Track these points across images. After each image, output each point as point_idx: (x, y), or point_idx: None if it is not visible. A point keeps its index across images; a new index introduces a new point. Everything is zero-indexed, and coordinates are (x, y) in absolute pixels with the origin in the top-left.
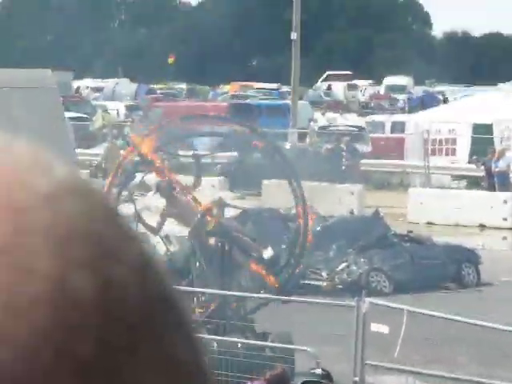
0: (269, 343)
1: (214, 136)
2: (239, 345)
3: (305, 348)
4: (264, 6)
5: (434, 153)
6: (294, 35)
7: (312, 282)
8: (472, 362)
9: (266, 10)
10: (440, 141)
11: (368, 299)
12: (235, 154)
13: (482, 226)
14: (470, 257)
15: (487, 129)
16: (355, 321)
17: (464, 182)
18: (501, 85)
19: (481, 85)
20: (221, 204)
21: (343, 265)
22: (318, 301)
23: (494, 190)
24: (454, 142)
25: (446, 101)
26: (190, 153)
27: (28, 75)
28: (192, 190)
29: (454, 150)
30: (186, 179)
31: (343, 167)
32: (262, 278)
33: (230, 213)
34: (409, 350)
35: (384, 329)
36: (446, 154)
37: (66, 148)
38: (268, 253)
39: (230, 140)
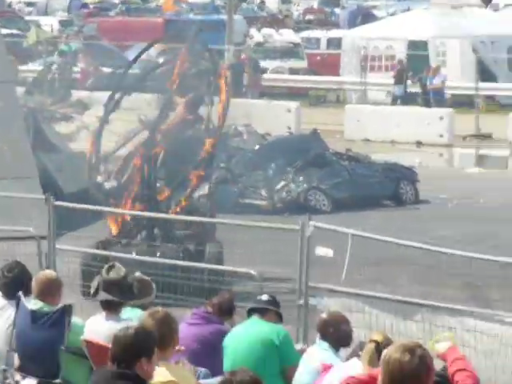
0: (210, 266)
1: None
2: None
3: (249, 271)
4: None
5: (370, 69)
6: None
7: (251, 201)
8: (413, 282)
9: None
10: (379, 57)
11: (312, 222)
12: None
13: (419, 143)
14: (408, 174)
15: (423, 45)
16: (299, 244)
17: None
18: None
19: None
20: None
21: (282, 183)
22: (262, 224)
23: (430, 107)
24: (391, 58)
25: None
26: None
27: None
28: None
29: (392, 66)
30: None
31: (244, 82)
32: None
33: None
34: (351, 272)
35: (329, 252)
36: (386, 71)
37: (5, 67)
38: None
39: None
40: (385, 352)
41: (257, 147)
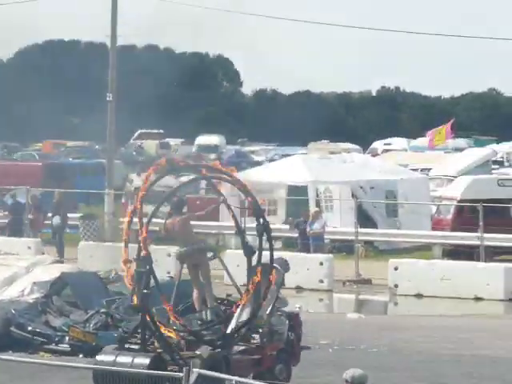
0: None
1: None
2: None
3: None
4: (75, 64)
5: (250, 214)
6: (109, 96)
7: (132, 347)
8: None
9: (76, 68)
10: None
11: (196, 370)
12: None
13: (299, 288)
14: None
15: (304, 190)
16: None
17: (280, 244)
18: (312, 143)
19: (292, 144)
20: None
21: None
22: (143, 371)
23: (308, 252)
24: (274, 203)
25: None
26: None
27: None
28: None
29: (275, 210)
30: None
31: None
32: None
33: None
34: None
35: None
36: (267, 215)
37: None
38: None
39: None
40: None
41: None
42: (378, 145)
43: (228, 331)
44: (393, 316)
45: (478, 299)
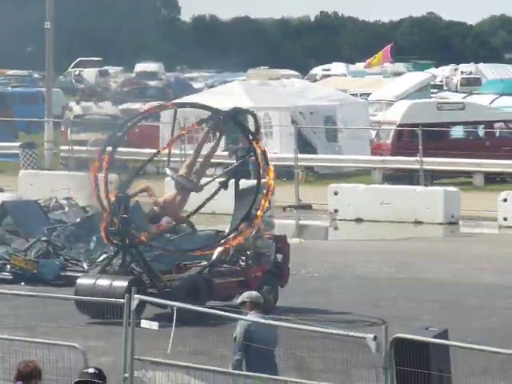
0: None
1: None
2: None
3: (72, 344)
4: None
5: (190, 141)
6: (47, 24)
7: (73, 274)
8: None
9: None
10: (199, 129)
11: (138, 296)
12: None
13: None
14: None
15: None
16: (124, 317)
17: (220, 171)
18: (251, 70)
19: (231, 71)
20: None
21: (104, 256)
22: (86, 298)
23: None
24: None
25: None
26: None
27: None
28: None
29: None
30: None
31: None
32: None
33: None
34: (177, 345)
35: (154, 325)
36: (208, 142)
37: None
38: None
39: None
40: None
41: (78, 220)
42: (317, 70)
43: None
44: (333, 241)
45: (417, 223)
